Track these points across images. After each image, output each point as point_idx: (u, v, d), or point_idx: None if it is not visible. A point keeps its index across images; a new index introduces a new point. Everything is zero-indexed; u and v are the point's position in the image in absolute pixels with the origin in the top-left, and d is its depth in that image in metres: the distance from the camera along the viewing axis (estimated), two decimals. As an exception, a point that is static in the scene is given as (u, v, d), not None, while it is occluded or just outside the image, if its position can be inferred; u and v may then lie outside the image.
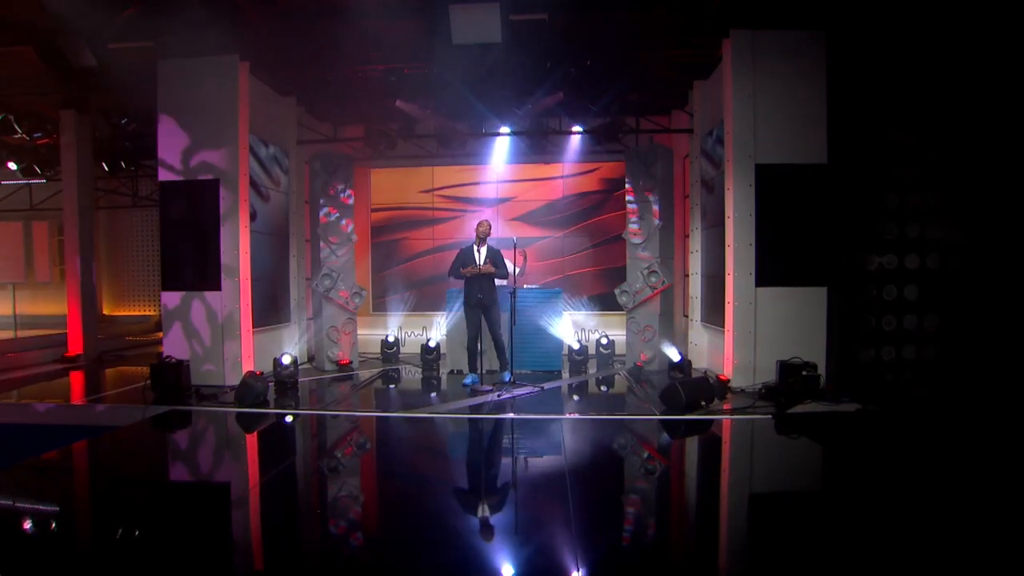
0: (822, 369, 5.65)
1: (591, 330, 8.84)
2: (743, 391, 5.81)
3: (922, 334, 5.80)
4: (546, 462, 4.28)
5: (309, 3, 5.93)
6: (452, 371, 7.24)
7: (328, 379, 7.05)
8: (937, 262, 5.78)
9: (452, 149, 8.99)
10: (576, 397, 6.35)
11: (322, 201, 7.53)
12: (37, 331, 9.47)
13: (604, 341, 7.79)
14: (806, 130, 5.83)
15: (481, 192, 9.42)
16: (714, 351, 6.91)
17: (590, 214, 9.34)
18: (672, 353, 6.52)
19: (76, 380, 7.27)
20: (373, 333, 8.81)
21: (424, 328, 9.04)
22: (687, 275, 8.07)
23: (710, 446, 4.75)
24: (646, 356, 7.28)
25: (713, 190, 6.98)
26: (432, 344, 7.61)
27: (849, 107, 5.84)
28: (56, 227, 11.00)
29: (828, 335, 5.83)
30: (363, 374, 7.30)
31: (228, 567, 2.74)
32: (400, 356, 8.32)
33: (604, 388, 6.76)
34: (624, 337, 7.66)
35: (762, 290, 5.92)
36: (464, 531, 3.06)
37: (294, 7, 6.00)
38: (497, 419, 5.27)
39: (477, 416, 5.34)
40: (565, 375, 7.14)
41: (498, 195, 9.43)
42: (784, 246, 5.88)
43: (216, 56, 6.32)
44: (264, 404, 5.59)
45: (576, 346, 7.44)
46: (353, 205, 7.80)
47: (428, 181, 9.56)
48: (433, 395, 6.43)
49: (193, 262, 6.48)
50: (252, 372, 5.93)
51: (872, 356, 5.83)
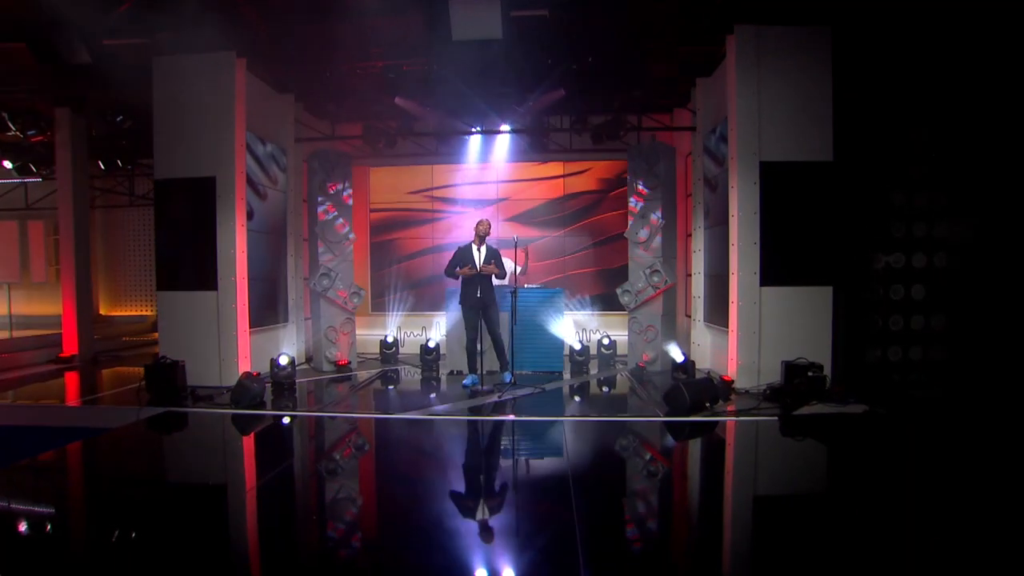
0: (828, 370, 5.56)
1: (592, 330, 8.76)
2: (747, 392, 5.73)
3: (929, 334, 5.71)
4: (548, 465, 4.20)
5: (306, -2, 5.85)
6: (452, 372, 7.16)
7: (326, 380, 6.96)
8: (944, 261, 5.70)
9: (452, 147, 8.91)
10: (578, 398, 6.26)
11: (320, 199, 7.43)
12: (32, 331, 9.36)
13: (606, 341, 7.70)
14: (811, 127, 5.75)
15: (481, 191, 9.32)
16: (717, 351, 6.83)
17: (589, 213, 9.25)
18: (676, 354, 6.43)
19: (70, 381, 7.18)
20: (372, 333, 8.72)
21: (423, 328, 8.96)
22: (689, 275, 7.99)
23: (716, 449, 4.66)
24: (648, 356, 7.19)
25: (716, 188, 6.90)
26: (431, 344, 7.53)
27: (855, 104, 5.76)
28: (52, 226, 10.88)
29: (834, 335, 5.75)
30: (361, 375, 7.21)
31: (224, 573, 2.64)
32: (399, 357, 8.23)
33: (606, 389, 6.68)
34: (626, 337, 7.58)
35: (767, 289, 5.83)
36: (465, 536, 2.96)
37: (291, 2, 5.90)
38: (498, 421, 5.19)
39: (477, 418, 5.25)
40: (566, 376, 7.05)
41: (497, 194, 9.34)
42: (789, 245, 5.80)
43: (212, 52, 6.23)
44: (261, 405, 5.51)
45: (577, 346, 7.34)
46: (352, 204, 7.71)
47: (428, 180, 9.46)
48: (432, 396, 6.34)
49: (189, 261, 6.40)
50: (249, 373, 5.85)
51: (879, 357, 5.74)
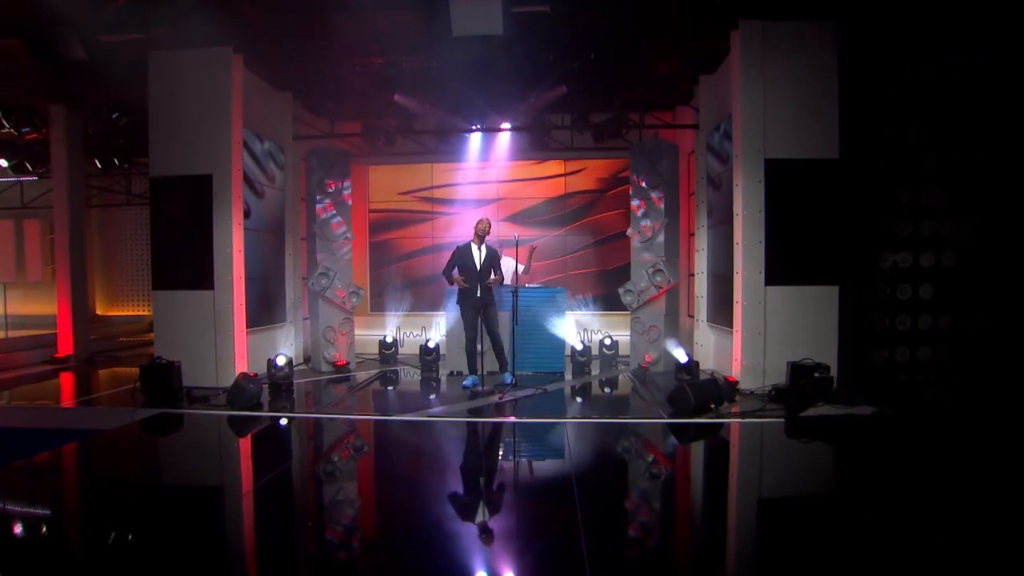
0: (834, 371, 5.47)
1: (594, 330, 8.67)
2: (752, 393, 5.64)
3: (938, 334, 5.62)
4: (551, 468, 4.12)
5: (304, -7, 5.76)
6: (452, 372, 7.06)
7: (324, 381, 6.86)
8: (953, 260, 5.61)
9: (451, 145, 8.82)
10: (580, 399, 6.17)
11: (318, 198, 7.34)
12: (28, 331, 9.26)
13: (608, 342, 7.61)
14: (817, 124, 5.65)
15: (481, 189, 9.22)
16: (720, 352, 6.74)
17: (587, 212, 9.17)
18: (679, 354, 6.34)
19: (65, 381, 7.08)
20: (371, 333, 8.62)
21: (423, 328, 8.87)
22: (692, 274, 7.91)
23: (722, 451, 4.57)
24: (651, 357, 7.10)
25: (720, 187, 6.81)
26: (431, 345, 7.44)
27: (861, 100, 5.67)
28: (48, 226, 10.76)
29: (840, 336, 5.66)
30: (360, 376, 7.11)
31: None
32: (398, 357, 8.13)
33: (608, 390, 6.59)
34: (628, 337, 7.49)
35: (772, 289, 5.74)
36: (467, 541, 2.87)
37: (289, -3, 5.83)
38: (499, 422, 5.09)
39: (478, 419, 5.16)
40: (568, 376, 6.95)
41: (498, 193, 9.25)
42: (794, 244, 5.70)
43: (209, 48, 6.14)
44: (257, 407, 5.41)
45: (579, 347, 7.24)
46: (350, 202, 7.61)
47: (427, 178, 9.37)
48: (432, 397, 6.25)
49: (185, 260, 6.30)
50: (245, 373, 5.76)
51: (886, 357, 5.65)
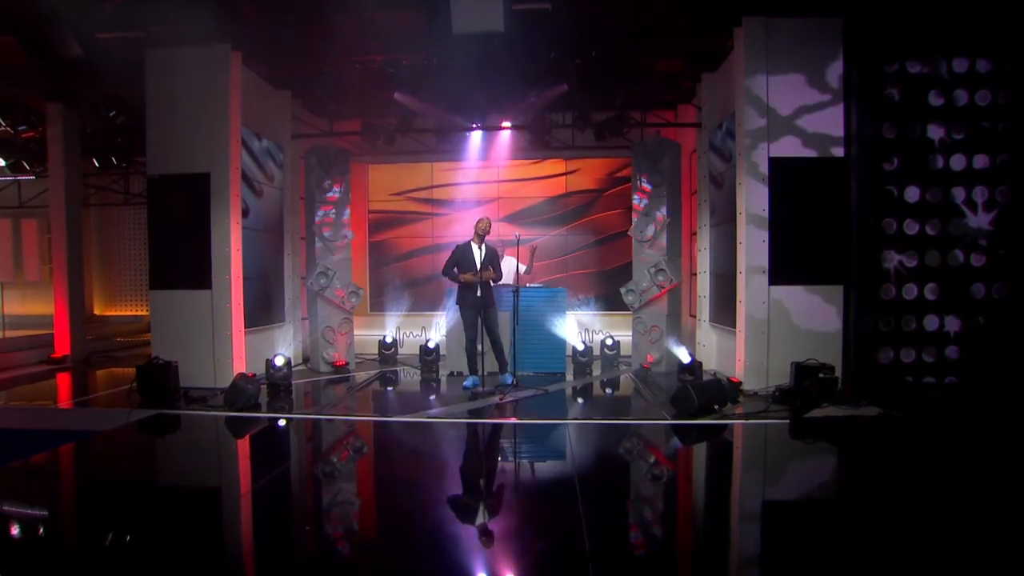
0: (839, 371, 5.41)
1: (595, 330, 8.60)
2: (756, 394, 5.58)
3: (944, 335, 5.55)
4: (553, 470, 4.06)
5: (303, -10, 5.70)
6: (452, 373, 7.00)
7: (323, 381, 6.80)
8: (960, 259, 5.53)
9: (451, 144, 8.76)
10: (581, 400, 6.11)
11: (318, 197, 7.28)
12: (26, 331, 9.19)
13: (609, 342, 7.54)
14: (822, 122, 5.59)
15: (481, 188, 9.17)
16: (723, 352, 6.68)
17: (589, 211, 9.10)
18: (682, 354, 6.28)
19: (61, 382, 7.01)
20: (370, 333, 8.56)
21: (423, 328, 8.80)
22: (694, 274, 7.84)
23: (727, 453, 4.50)
24: (653, 357, 7.03)
25: (722, 185, 6.75)
26: (431, 345, 7.37)
27: (867, 97, 5.60)
28: (46, 225, 10.64)
29: (845, 336, 5.60)
30: (360, 376, 7.05)
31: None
32: (398, 357, 8.06)
33: (610, 391, 6.53)
34: (630, 338, 7.42)
35: (776, 288, 5.68)
36: (469, 544, 2.81)
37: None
38: (500, 424, 5.03)
39: (478, 421, 5.09)
40: (569, 377, 6.89)
41: (498, 192, 9.19)
42: (798, 243, 5.64)
43: (207, 46, 6.08)
44: (255, 407, 5.35)
45: (580, 347, 7.18)
46: (350, 201, 7.54)
47: (427, 177, 9.31)
48: (432, 398, 6.19)
49: (182, 259, 6.23)
50: (243, 374, 5.69)
51: (891, 358, 5.58)
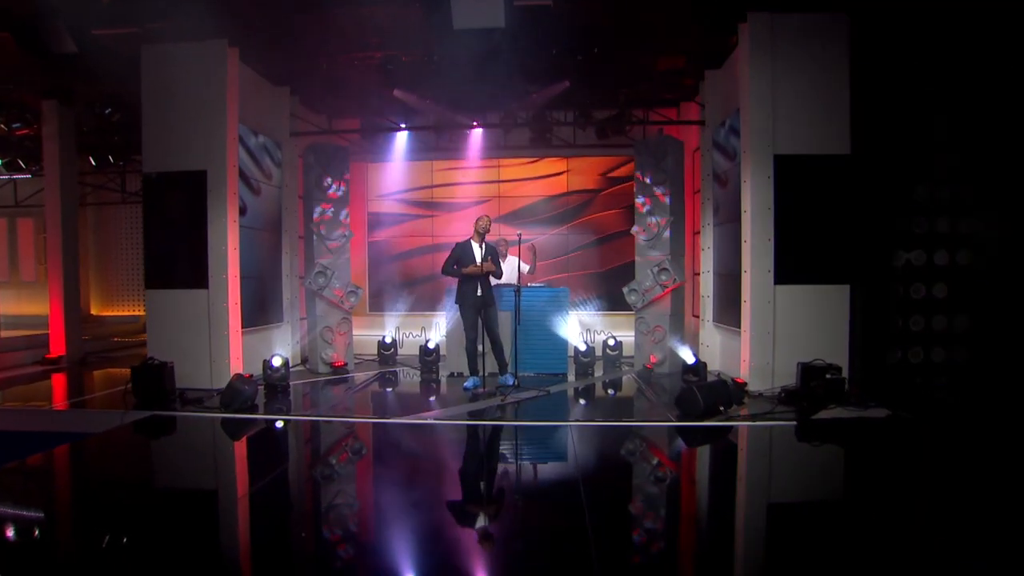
0: (846, 372, 5.32)
1: (597, 330, 8.52)
2: (761, 395, 5.49)
3: (953, 335, 5.47)
4: (556, 472, 3.97)
5: (302, -15, 5.62)
6: (452, 374, 6.91)
7: (321, 382, 6.71)
8: (968, 258, 5.46)
9: (451, 142, 8.67)
10: (584, 401, 6.02)
11: (316, 195, 7.19)
12: (21, 331, 9.09)
13: (611, 342, 7.45)
14: (828, 118, 5.52)
15: (481, 187, 9.09)
16: (727, 352, 6.59)
17: (589, 210, 9.02)
18: (687, 355, 6.19)
19: (56, 383, 6.90)
20: (369, 334, 8.47)
21: (423, 328, 8.72)
22: (697, 273, 7.76)
23: (733, 455, 4.41)
24: (656, 358, 6.94)
25: (726, 184, 6.67)
26: (431, 345, 7.29)
27: (874, 94, 5.52)
28: (42, 224, 10.53)
29: (851, 336, 5.51)
30: (359, 377, 6.96)
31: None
32: (398, 358, 7.97)
33: (612, 391, 6.45)
34: (632, 338, 7.33)
35: (781, 288, 5.59)
36: (470, 548, 2.73)
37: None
38: (501, 425, 4.94)
39: (479, 422, 5.00)
40: (571, 377, 6.80)
41: (498, 191, 9.11)
42: (804, 242, 5.56)
43: (203, 42, 5.99)
44: (253, 409, 5.26)
45: (582, 347, 7.09)
46: (349, 200, 7.45)
47: (427, 175, 9.23)
48: (432, 399, 6.10)
49: (178, 258, 6.15)
50: (240, 375, 5.59)
51: (899, 358, 5.50)
